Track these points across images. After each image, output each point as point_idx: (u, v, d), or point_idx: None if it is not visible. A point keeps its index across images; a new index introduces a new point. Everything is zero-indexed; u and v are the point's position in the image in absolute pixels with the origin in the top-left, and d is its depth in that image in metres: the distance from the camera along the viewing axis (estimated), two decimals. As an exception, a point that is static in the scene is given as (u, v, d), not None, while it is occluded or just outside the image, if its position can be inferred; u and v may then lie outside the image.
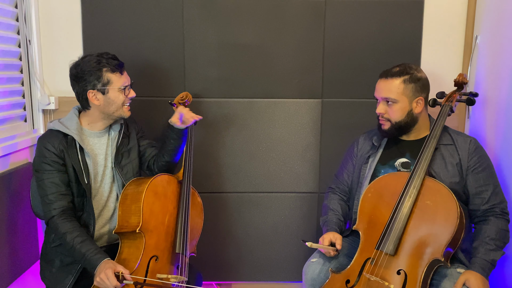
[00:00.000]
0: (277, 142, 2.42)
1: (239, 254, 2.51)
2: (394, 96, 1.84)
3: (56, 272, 1.88)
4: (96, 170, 1.92)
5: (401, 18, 2.30)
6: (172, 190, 1.98)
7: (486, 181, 1.80)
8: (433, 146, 1.79)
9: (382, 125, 1.92)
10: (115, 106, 1.89)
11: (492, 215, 1.77)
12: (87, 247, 1.74)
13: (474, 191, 1.80)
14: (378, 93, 1.90)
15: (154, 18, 2.29)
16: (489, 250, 1.70)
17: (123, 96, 1.89)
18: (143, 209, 1.83)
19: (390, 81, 1.85)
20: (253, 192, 2.46)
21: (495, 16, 2.12)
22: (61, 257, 1.88)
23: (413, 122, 1.89)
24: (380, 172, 1.92)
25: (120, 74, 1.88)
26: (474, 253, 1.73)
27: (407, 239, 1.69)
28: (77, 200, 1.88)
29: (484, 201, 1.79)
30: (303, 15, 2.30)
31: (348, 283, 1.73)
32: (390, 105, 1.86)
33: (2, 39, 2.10)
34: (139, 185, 1.90)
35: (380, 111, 1.89)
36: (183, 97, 2.18)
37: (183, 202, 1.96)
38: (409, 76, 1.84)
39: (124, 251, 1.83)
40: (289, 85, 2.36)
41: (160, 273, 1.83)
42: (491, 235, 1.73)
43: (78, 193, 1.87)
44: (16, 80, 2.21)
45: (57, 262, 1.88)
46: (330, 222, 1.96)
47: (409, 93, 1.85)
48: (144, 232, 1.81)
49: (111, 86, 1.86)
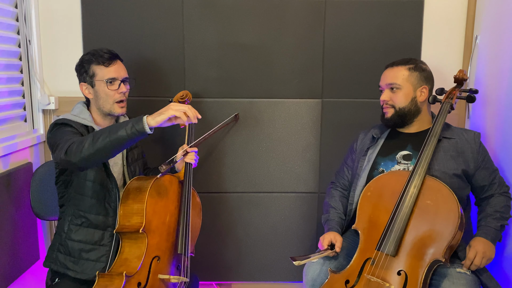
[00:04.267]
0: (277, 142, 2.41)
1: (239, 254, 2.51)
2: (399, 81, 1.89)
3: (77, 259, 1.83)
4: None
5: (401, 18, 2.30)
6: (173, 190, 1.97)
7: (493, 168, 1.89)
8: (433, 144, 1.79)
9: (385, 113, 1.95)
10: (103, 100, 1.87)
11: (497, 193, 1.87)
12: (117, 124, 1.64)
13: (487, 182, 1.87)
14: (383, 81, 1.94)
15: (154, 18, 2.29)
16: (493, 218, 1.80)
17: (108, 89, 1.86)
18: (146, 209, 1.82)
19: (396, 69, 1.91)
20: (253, 192, 2.46)
21: (495, 16, 2.11)
22: (81, 253, 1.83)
23: (416, 111, 1.91)
24: (379, 164, 1.93)
25: (105, 67, 1.85)
26: (478, 224, 1.82)
27: (407, 240, 1.69)
28: (100, 189, 1.84)
29: (496, 185, 1.88)
30: (303, 15, 2.30)
31: (348, 283, 1.72)
32: (394, 92, 1.90)
33: (2, 39, 2.10)
34: (141, 185, 1.88)
35: (384, 98, 1.93)
36: (183, 96, 2.18)
37: (184, 202, 1.96)
38: (414, 65, 1.91)
39: (125, 250, 1.82)
40: (289, 85, 2.36)
41: (162, 274, 1.83)
42: (496, 207, 1.83)
43: (101, 182, 1.84)
44: (16, 80, 2.21)
45: (79, 254, 1.83)
46: (331, 221, 1.96)
47: (414, 81, 1.89)
48: (147, 232, 1.80)
49: (97, 79, 1.86)
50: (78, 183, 1.84)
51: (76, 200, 1.85)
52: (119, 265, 1.78)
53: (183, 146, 2.06)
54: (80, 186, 1.84)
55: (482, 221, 1.82)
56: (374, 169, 1.93)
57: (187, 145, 2.07)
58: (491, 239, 1.74)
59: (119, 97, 1.89)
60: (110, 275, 1.72)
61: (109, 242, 1.85)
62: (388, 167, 1.91)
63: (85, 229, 1.84)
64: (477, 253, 1.69)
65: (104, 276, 1.71)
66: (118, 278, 1.69)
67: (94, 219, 1.84)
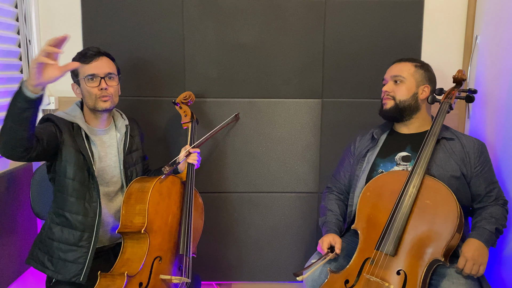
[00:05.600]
0: (277, 142, 2.42)
1: (239, 254, 2.51)
2: (404, 74, 1.92)
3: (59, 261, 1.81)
4: (98, 165, 1.89)
5: (401, 18, 2.30)
6: (176, 190, 1.97)
7: (492, 180, 1.86)
8: (432, 144, 1.79)
9: (384, 104, 1.95)
10: (86, 98, 1.87)
11: (495, 203, 1.84)
12: None
13: (482, 192, 1.84)
14: (388, 73, 1.97)
15: (154, 18, 2.29)
16: (488, 222, 1.76)
17: (87, 86, 1.84)
18: (149, 210, 1.82)
19: (403, 63, 1.96)
20: (253, 192, 2.46)
21: (495, 16, 2.11)
22: (59, 253, 1.81)
23: (415, 108, 1.92)
24: (379, 165, 1.93)
25: (86, 64, 1.84)
26: (473, 227, 1.80)
27: (407, 239, 1.69)
28: (81, 188, 1.81)
29: (492, 199, 1.84)
30: (303, 15, 2.30)
31: (347, 283, 1.72)
32: (397, 84, 1.93)
33: (2, 39, 2.10)
34: (144, 185, 1.88)
35: (386, 89, 1.95)
36: (186, 97, 2.18)
37: (186, 203, 1.96)
38: (421, 64, 1.96)
39: (127, 250, 1.82)
40: (289, 85, 2.36)
41: (163, 274, 1.83)
42: (492, 214, 1.79)
43: (82, 180, 1.82)
44: (16, 80, 2.21)
45: (57, 254, 1.82)
46: (329, 223, 1.96)
47: (418, 77, 1.92)
48: (149, 232, 1.80)
49: (80, 77, 1.86)
50: (58, 180, 1.83)
51: (57, 198, 1.84)
52: (121, 265, 1.78)
53: (186, 147, 2.07)
54: (60, 183, 1.82)
55: (476, 224, 1.79)
56: (374, 170, 1.93)
57: (190, 146, 2.07)
58: (484, 240, 1.70)
59: (100, 93, 1.85)
60: (112, 275, 1.72)
61: (87, 244, 1.80)
62: (387, 168, 1.90)
63: (64, 228, 1.81)
64: (467, 261, 1.65)
65: (106, 276, 1.71)
66: (120, 278, 1.69)
67: (73, 218, 1.80)
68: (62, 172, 1.81)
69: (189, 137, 2.12)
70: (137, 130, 2.08)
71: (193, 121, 2.16)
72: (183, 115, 2.16)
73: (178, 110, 2.17)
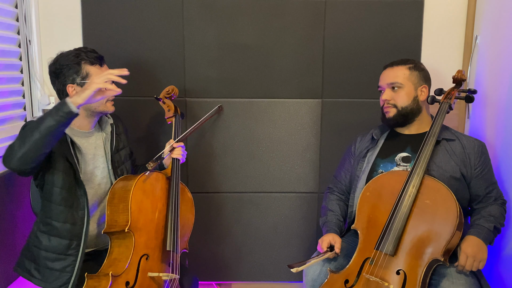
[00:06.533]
0: (277, 142, 2.41)
1: (239, 254, 2.51)
2: (400, 80, 1.89)
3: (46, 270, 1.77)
4: (85, 169, 1.86)
5: (401, 18, 2.30)
6: (160, 187, 1.95)
7: (492, 181, 1.86)
8: (432, 144, 1.79)
9: (387, 113, 1.93)
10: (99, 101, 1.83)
11: (494, 203, 1.84)
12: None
13: (482, 193, 1.84)
14: (383, 81, 1.93)
15: (154, 18, 2.29)
16: (486, 220, 1.77)
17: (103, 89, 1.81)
18: (131, 208, 1.79)
19: (396, 68, 1.92)
20: (253, 192, 2.46)
21: (495, 16, 2.11)
22: (46, 262, 1.76)
23: (418, 110, 1.91)
24: (379, 166, 1.92)
25: (100, 66, 1.83)
26: (471, 225, 1.80)
27: (406, 239, 1.69)
28: (69, 196, 1.77)
29: (491, 199, 1.84)
30: (303, 15, 2.30)
31: (347, 283, 1.72)
32: (396, 91, 1.90)
33: (2, 39, 2.10)
34: (126, 184, 1.85)
35: (386, 98, 1.92)
36: (169, 91, 2.16)
37: (172, 198, 1.93)
38: (413, 64, 1.93)
39: (114, 250, 1.80)
40: (289, 85, 2.36)
41: (152, 272, 1.81)
42: (490, 212, 1.80)
43: (69, 188, 1.77)
44: (16, 80, 2.21)
45: (44, 262, 1.78)
46: (329, 223, 1.96)
47: (414, 80, 1.90)
48: (133, 231, 1.78)
49: (91, 79, 1.80)
50: (46, 189, 1.77)
51: (44, 207, 1.79)
52: (108, 266, 1.76)
53: (170, 141, 2.05)
54: (47, 192, 1.77)
55: (475, 222, 1.79)
56: (374, 171, 1.93)
57: (174, 140, 2.06)
58: (483, 237, 1.71)
59: (112, 97, 1.85)
60: (98, 276, 1.70)
61: (75, 253, 1.76)
62: (387, 169, 1.90)
63: (51, 237, 1.76)
64: (467, 257, 1.66)
65: (93, 277, 1.69)
66: (105, 278, 1.67)
67: (61, 227, 1.75)
68: (50, 181, 1.76)
69: (173, 131, 2.09)
70: (122, 127, 2.06)
71: (177, 116, 2.14)
72: (167, 110, 2.14)
73: (162, 105, 2.15)
